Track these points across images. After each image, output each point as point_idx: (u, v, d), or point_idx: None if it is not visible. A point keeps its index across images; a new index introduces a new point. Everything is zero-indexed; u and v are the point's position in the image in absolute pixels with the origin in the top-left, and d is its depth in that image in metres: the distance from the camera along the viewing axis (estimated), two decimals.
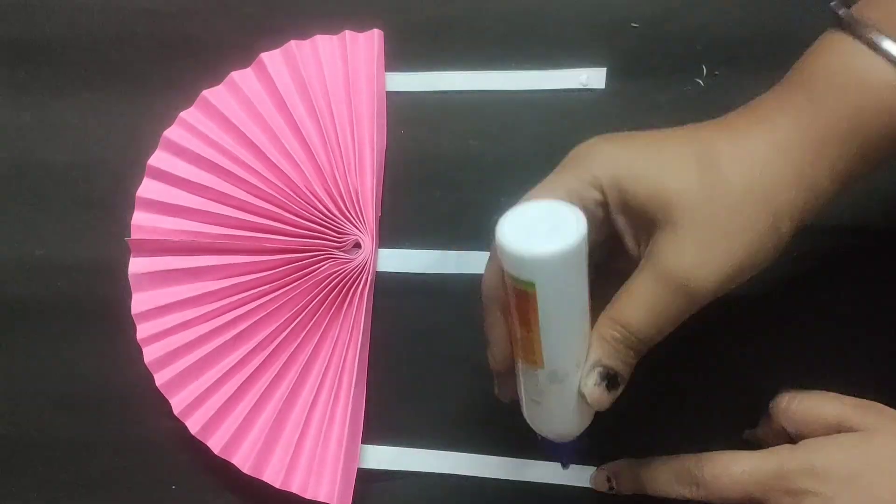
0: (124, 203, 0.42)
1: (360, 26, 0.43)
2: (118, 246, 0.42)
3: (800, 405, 0.32)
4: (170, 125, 0.42)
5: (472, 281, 0.41)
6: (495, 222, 0.27)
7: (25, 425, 0.42)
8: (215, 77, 0.43)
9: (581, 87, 0.41)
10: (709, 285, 0.28)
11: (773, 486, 0.29)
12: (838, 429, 0.31)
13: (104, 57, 0.44)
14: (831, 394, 0.32)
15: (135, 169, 0.42)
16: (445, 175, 0.42)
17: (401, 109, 0.42)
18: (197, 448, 0.39)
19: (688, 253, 0.27)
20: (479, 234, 0.41)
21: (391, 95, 0.43)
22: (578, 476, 0.39)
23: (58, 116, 0.44)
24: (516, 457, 0.39)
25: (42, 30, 0.44)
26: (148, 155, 0.42)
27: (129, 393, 0.41)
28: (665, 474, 0.33)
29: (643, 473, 0.34)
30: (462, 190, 0.41)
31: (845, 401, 0.32)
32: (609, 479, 0.36)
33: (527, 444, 0.40)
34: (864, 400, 0.31)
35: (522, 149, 0.41)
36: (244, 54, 0.43)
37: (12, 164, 0.44)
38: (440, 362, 0.40)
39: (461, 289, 0.41)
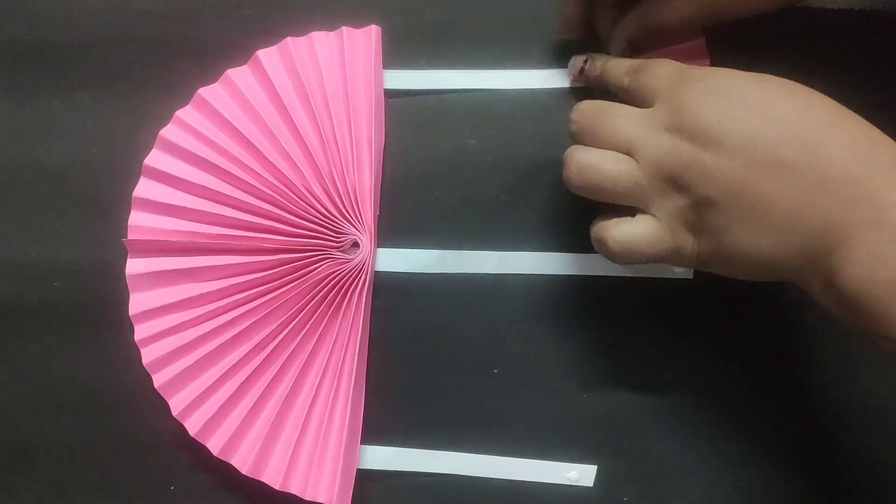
0: (121, 203, 0.42)
1: (359, 24, 0.43)
2: (115, 246, 0.41)
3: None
4: (166, 124, 0.42)
5: (472, 280, 0.41)
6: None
7: (23, 426, 0.42)
8: (212, 76, 0.42)
9: (579, 85, 0.41)
10: None
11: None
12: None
13: (100, 57, 0.44)
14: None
15: (132, 168, 0.42)
16: (444, 174, 0.41)
17: (400, 108, 0.42)
18: (196, 449, 0.39)
19: None
20: (478, 233, 0.41)
21: (390, 94, 0.42)
22: (579, 474, 0.39)
23: (54, 116, 0.43)
24: (516, 456, 0.39)
25: (38, 30, 0.44)
26: (144, 154, 0.42)
27: (127, 393, 0.41)
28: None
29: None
30: (461, 189, 0.41)
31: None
32: (585, 62, 0.39)
33: (526, 444, 0.40)
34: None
35: (521, 147, 0.41)
36: (241, 54, 0.42)
37: (8, 164, 0.43)
38: (439, 362, 0.40)
39: (460, 288, 0.41)
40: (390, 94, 0.42)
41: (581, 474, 0.39)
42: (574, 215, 0.41)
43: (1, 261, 0.43)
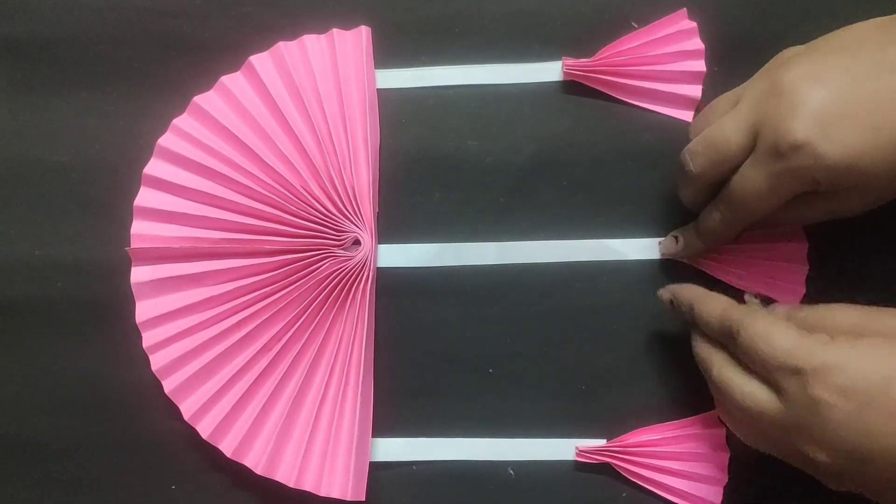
0: (123, 201, 0.42)
1: (358, 22, 0.43)
2: (117, 246, 0.42)
3: (815, 314, 0.33)
4: (164, 125, 0.42)
5: (473, 272, 0.41)
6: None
7: (26, 425, 0.42)
8: (211, 75, 0.43)
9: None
10: None
11: (796, 372, 0.29)
12: (859, 335, 0.30)
13: (100, 55, 0.44)
14: (845, 304, 0.33)
15: (133, 166, 0.42)
16: (444, 175, 0.42)
17: (399, 106, 0.42)
18: (208, 449, 0.40)
19: None
20: (478, 231, 0.41)
21: (389, 92, 0.42)
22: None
23: (55, 116, 0.43)
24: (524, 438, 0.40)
25: (39, 29, 0.44)
26: (147, 152, 0.42)
27: (130, 392, 0.41)
28: (710, 315, 0.34)
29: (697, 299, 0.36)
30: (461, 188, 0.42)
31: (863, 308, 0.33)
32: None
33: (533, 430, 0.40)
34: (882, 308, 0.32)
35: (521, 144, 0.42)
36: (241, 52, 0.43)
37: (9, 163, 0.43)
38: (445, 353, 0.41)
39: (462, 280, 0.41)
40: (390, 94, 0.42)
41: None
42: (574, 215, 0.41)
43: (3, 260, 0.43)
